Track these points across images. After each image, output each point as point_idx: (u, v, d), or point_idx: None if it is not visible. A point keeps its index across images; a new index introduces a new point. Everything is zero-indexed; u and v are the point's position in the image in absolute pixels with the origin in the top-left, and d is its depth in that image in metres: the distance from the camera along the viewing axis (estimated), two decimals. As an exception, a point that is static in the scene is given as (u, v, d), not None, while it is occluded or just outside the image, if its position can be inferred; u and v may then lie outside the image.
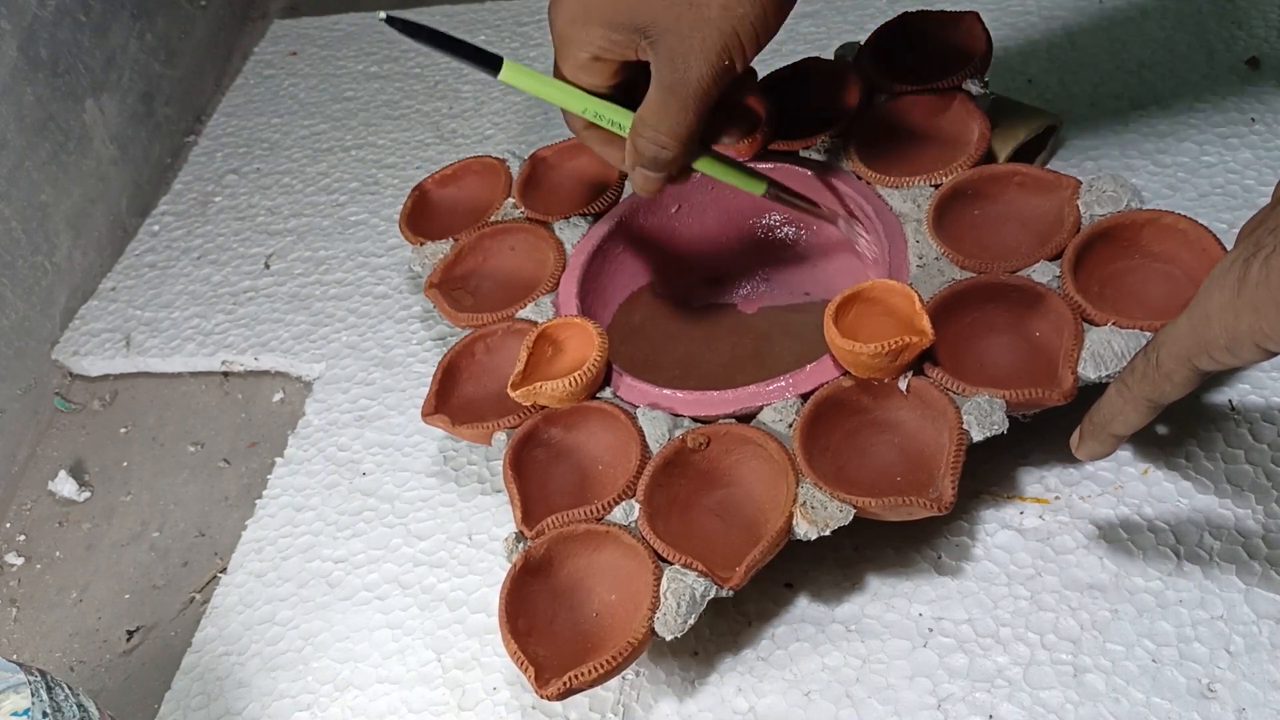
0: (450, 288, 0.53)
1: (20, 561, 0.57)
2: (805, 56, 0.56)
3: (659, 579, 0.39)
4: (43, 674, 0.37)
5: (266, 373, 0.63)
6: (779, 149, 0.53)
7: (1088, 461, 0.42)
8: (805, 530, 0.40)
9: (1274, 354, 0.31)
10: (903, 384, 0.42)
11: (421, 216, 0.57)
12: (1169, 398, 0.35)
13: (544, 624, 0.40)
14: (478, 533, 0.51)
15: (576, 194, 0.55)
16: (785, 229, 0.54)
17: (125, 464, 0.60)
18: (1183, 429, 0.46)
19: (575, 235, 0.53)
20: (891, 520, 0.41)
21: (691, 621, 0.39)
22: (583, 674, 0.38)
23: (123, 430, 0.62)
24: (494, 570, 0.49)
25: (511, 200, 0.55)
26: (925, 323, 0.41)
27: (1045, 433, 0.46)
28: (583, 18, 0.40)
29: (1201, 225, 0.42)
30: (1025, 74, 0.64)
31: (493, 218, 0.55)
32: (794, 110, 0.54)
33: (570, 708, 0.44)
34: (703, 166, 0.45)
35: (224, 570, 0.53)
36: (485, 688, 0.45)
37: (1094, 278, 0.44)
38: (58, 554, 0.57)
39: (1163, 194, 0.55)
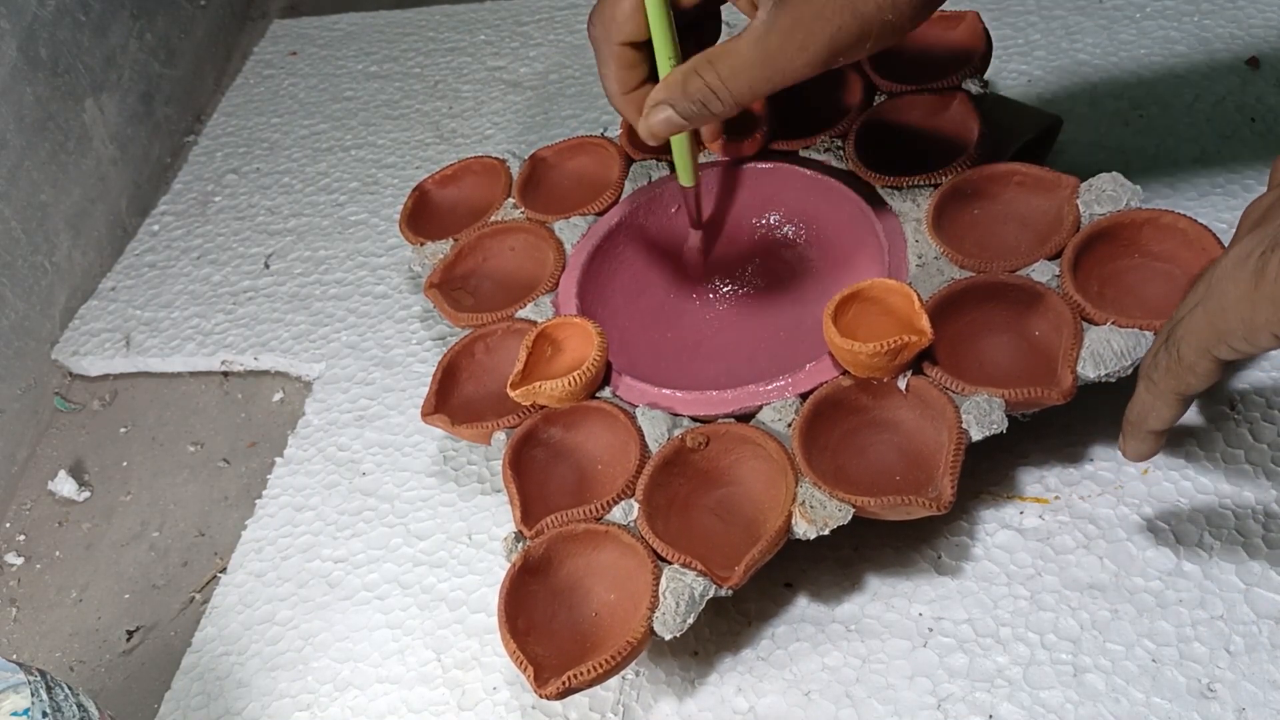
0: (450, 288, 0.53)
1: (20, 561, 0.57)
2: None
3: (658, 578, 0.39)
4: (43, 674, 0.37)
5: (266, 373, 0.63)
6: (779, 149, 0.53)
7: (1137, 462, 0.43)
8: (804, 530, 0.40)
9: None
10: (902, 383, 0.42)
11: (421, 217, 0.57)
12: (1195, 389, 0.36)
13: (543, 623, 0.40)
14: (478, 532, 0.51)
15: (576, 194, 0.55)
16: (785, 228, 0.54)
17: (125, 464, 0.60)
18: (1183, 429, 0.46)
19: (575, 235, 0.53)
20: (891, 519, 0.41)
21: (690, 621, 0.39)
22: (582, 673, 0.38)
23: (122, 430, 0.62)
24: (494, 570, 0.49)
25: (511, 200, 0.55)
26: (924, 322, 0.41)
27: (1045, 432, 0.46)
28: None
29: (1201, 224, 0.42)
30: (1025, 74, 0.64)
31: (493, 218, 0.55)
32: (793, 110, 0.54)
33: (570, 707, 0.44)
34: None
35: (224, 570, 0.53)
36: (485, 688, 0.45)
37: (1093, 277, 0.44)
38: (58, 554, 0.57)
39: (1163, 194, 0.55)
